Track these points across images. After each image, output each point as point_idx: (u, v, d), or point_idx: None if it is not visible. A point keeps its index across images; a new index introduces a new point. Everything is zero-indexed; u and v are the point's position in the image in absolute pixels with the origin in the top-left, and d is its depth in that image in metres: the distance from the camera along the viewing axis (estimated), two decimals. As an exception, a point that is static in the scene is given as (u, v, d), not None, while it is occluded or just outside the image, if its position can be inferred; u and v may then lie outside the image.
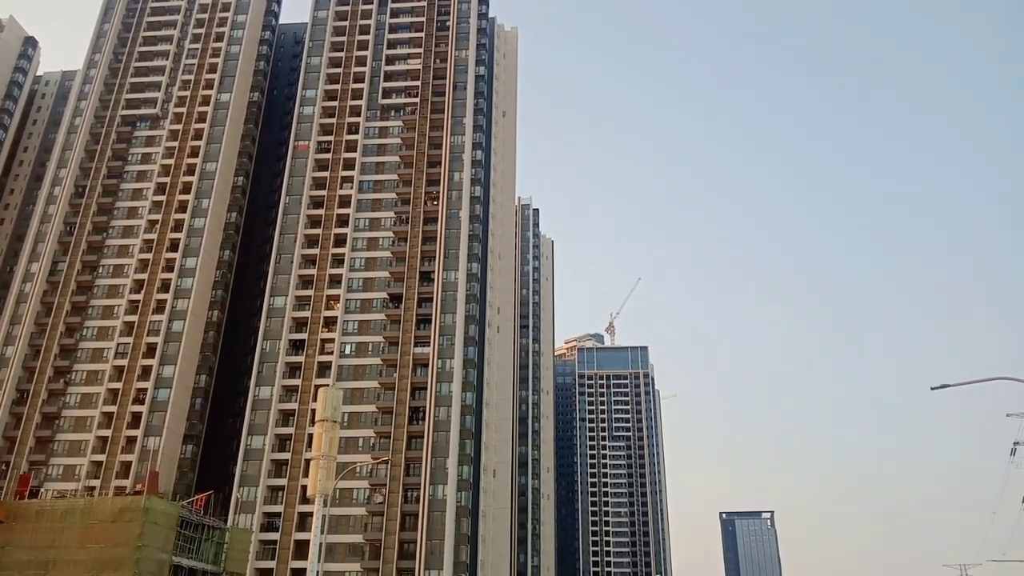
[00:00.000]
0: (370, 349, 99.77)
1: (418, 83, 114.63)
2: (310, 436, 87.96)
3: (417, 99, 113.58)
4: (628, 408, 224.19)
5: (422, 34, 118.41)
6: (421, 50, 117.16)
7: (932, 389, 33.51)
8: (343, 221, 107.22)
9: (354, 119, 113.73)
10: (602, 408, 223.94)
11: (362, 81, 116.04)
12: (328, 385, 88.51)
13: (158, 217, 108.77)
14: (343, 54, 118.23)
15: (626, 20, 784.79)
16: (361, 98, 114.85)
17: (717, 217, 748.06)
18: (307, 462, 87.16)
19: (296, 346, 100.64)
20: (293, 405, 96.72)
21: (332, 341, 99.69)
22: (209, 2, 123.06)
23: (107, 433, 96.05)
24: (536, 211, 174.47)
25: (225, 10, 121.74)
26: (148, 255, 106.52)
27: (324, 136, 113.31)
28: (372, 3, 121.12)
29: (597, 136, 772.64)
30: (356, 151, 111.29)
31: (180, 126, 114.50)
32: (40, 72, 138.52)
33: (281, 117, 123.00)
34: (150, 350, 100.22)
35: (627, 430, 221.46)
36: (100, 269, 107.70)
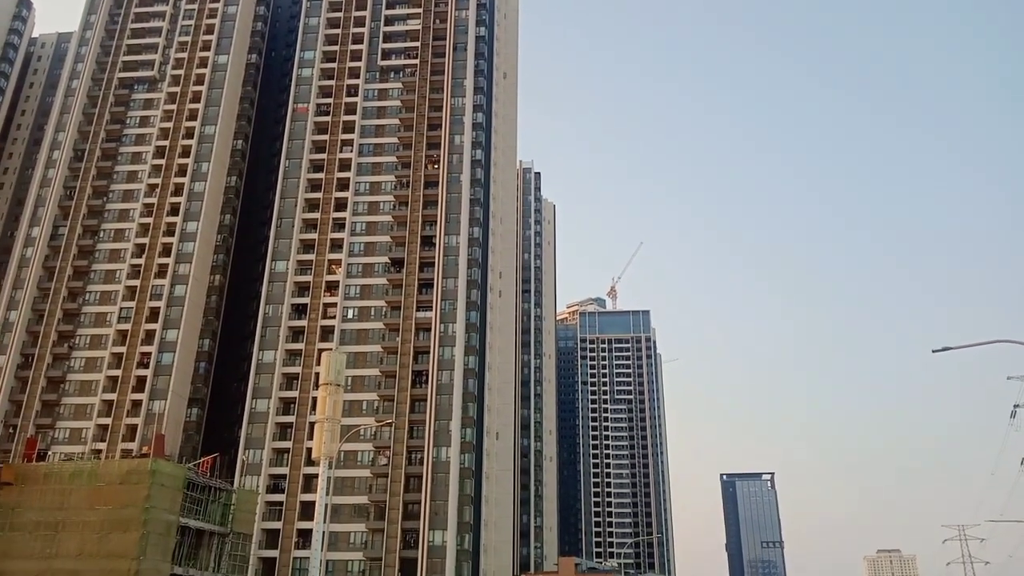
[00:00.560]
0: (372, 313, 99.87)
1: (418, 44, 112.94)
2: (314, 399, 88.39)
3: (417, 60, 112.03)
4: (630, 372, 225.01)
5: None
6: (420, 10, 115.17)
7: (934, 352, 33.39)
8: (343, 185, 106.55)
9: (353, 81, 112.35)
10: (604, 372, 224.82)
11: (361, 42, 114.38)
12: (331, 349, 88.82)
13: (158, 181, 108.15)
14: (341, 14, 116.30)
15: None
16: (360, 59, 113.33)
17: (718, 182, 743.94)
18: (311, 425, 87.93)
19: (299, 310, 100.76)
20: (296, 369, 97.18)
21: (334, 306, 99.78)
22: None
23: (112, 397, 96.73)
24: (538, 175, 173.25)
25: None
26: (148, 219, 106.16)
27: (323, 99, 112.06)
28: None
29: (599, 102, 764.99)
30: (356, 114, 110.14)
31: (178, 88, 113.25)
32: (35, 34, 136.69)
33: (280, 79, 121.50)
34: (153, 314, 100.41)
35: (628, 393, 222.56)
36: (101, 233, 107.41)
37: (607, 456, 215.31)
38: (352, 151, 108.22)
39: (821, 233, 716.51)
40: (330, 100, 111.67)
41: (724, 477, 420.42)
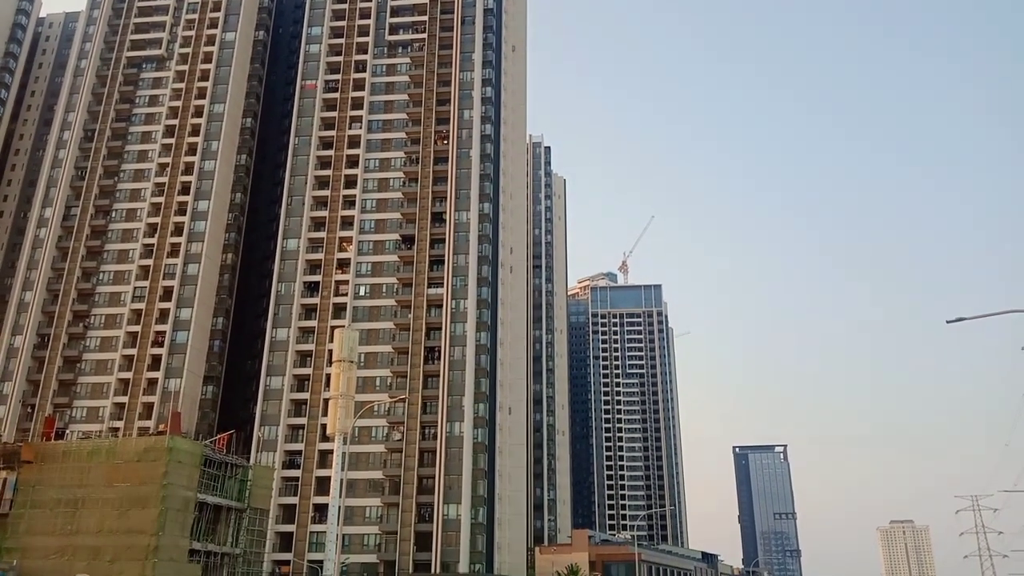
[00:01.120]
0: (384, 290, 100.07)
1: (425, 18, 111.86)
2: (327, 376, 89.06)
3: (425, 35, 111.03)
4: (641, 346, 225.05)
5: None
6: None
7: (948, 322, 33.12)
8: (353, 162, 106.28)
9: (361, 56, 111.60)
10: (616, 346, 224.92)
11: (368, 17, 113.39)
12: (344, 326, 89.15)
13: (168, 160, 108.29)
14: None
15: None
16: (368, 35, 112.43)
17: (729, 155, 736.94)
18: (325, 401, 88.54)
19: (311, 288, 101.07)
20: (310, 346, 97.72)
21: (346, 283, 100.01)
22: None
23: (128, 375, 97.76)
24: (548, 149, 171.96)
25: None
26: (160, 198, 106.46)
27: (331, 75, 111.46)
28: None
29: (608, 76, 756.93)
30: (364, 90, 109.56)
31: (186, 67, 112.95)
32: (43, 14, 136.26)
33: (287, 56, 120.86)
34: (166, 293, 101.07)
35: (640, 368, 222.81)
36: (113, 213, 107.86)
37: (619, 430, 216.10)
38: (361, 127, 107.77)
39: (835, 205, 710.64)
40: (338, 76, 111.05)
41: (737, 449, 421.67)
